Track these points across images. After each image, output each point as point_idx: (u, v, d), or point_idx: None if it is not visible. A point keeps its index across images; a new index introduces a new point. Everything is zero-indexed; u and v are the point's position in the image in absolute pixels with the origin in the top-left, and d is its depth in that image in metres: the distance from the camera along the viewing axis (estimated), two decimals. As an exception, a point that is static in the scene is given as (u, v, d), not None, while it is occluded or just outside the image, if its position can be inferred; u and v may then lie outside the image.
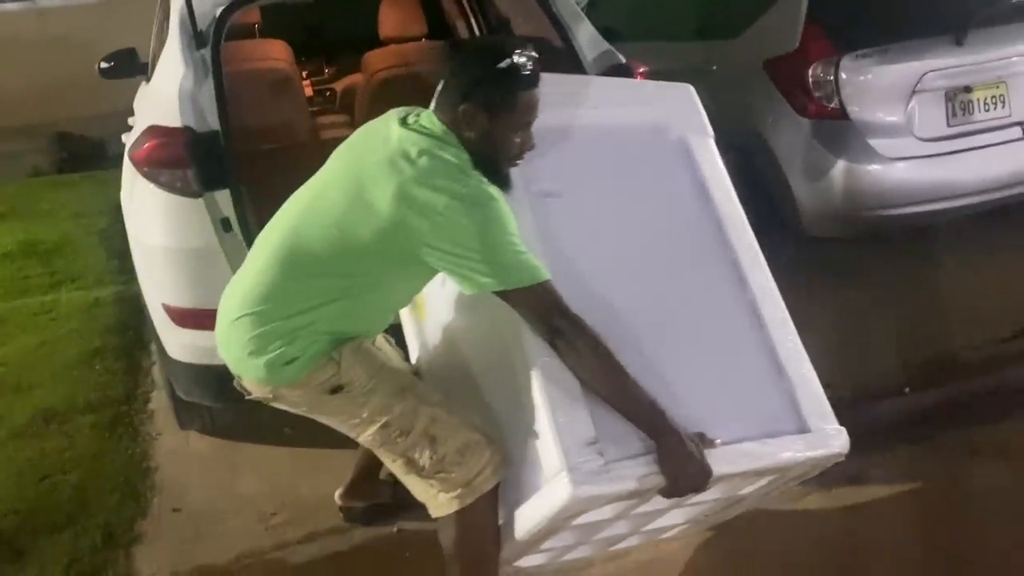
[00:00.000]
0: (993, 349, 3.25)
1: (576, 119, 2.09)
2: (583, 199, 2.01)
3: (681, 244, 2.08)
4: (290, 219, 1.92)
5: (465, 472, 1.88)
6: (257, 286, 1.87)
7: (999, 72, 3.68)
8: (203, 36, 2.71)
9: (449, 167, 1.77)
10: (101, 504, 2.84)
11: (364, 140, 1.94)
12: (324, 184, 1.93)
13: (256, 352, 1.86)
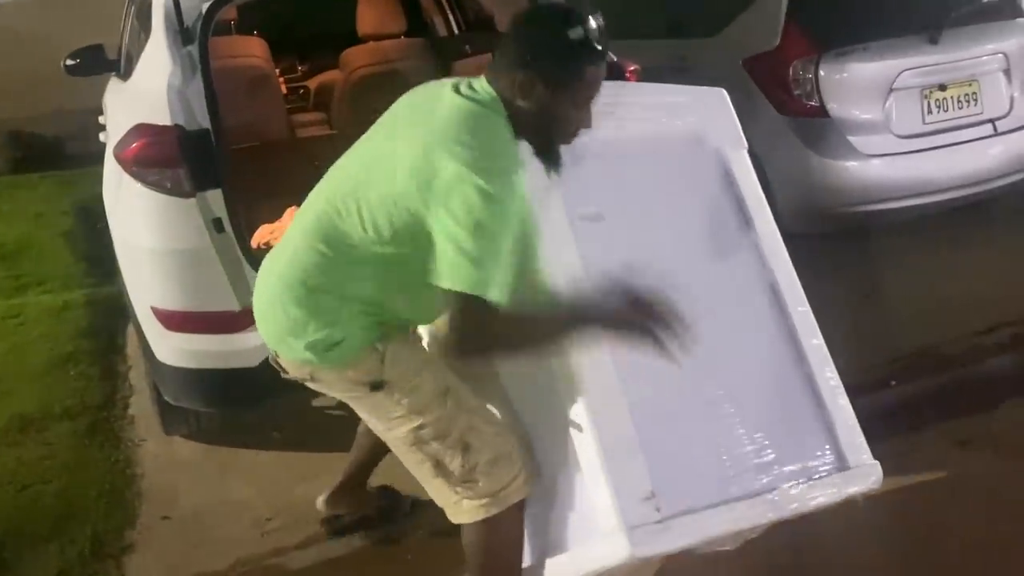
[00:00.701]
0: (973, 341, 3.32)
1: (615, 132, 1.97)
2: (625, 222, 1.94)
3: (722, 269, 2.02)
4: (331, 192, 1.80)
5: (494, 483, 1.84)
6: (298, 262, 1.78)
7: (971, 71, 3.77)
8: (189, 32, 2.64)
9: (484, 138, 1.63)
10: (87, 513, 2.76)
11: (412, 108, 1.81)
12: (364, 154, 1.82)
13: (296, 332, 1.77)
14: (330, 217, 1.75)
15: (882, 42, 3.67)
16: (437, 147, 1.61)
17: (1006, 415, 2.90)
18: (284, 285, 1.79)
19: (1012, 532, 2.37)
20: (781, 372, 1.98)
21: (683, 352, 1.66)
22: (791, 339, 2.00)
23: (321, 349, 1.77)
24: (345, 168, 1.84)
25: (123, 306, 4.31)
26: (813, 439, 1.93)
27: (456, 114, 1.66)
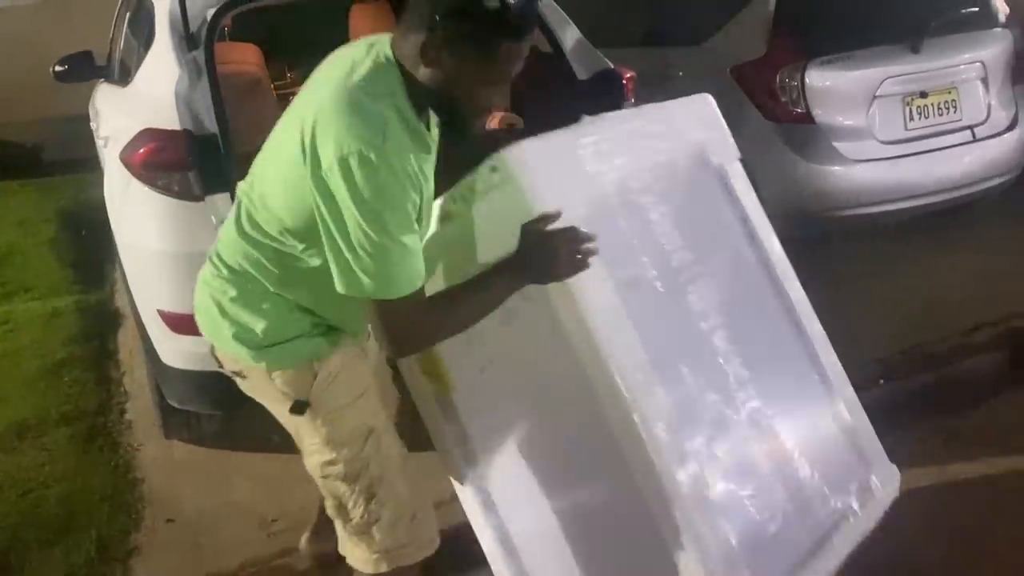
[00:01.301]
0: (957, 341, 3.41)
1: (625, 170, 1.85)
2: (659, 273, 1.84)
3: (742, 296, 1.99)
4: (247, 181, 1.71)
5: (390, 541, 1.77)
6: (229, 250, 1.71)
7: (951, 78, 3.88)
8: (194, 38, 2.66)
9: (367, 112, 1.44)
10: (90, 517, 2.75)
11: (309, 85, 1.63)
12: (270, 139, 1.67)
13: (229, 319, 1.70)
14: (247, 208, 1.66)
15: (866, 51, 3.77)
16: (319, 133, 1.44)
17: (990, 411, 3.01)
18: (217, 271, 1.72)
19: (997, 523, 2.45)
20: (809, 398, 2.01)
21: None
22: (813, 362, 2.04)
23: (255, 344, 1.68)
24: (260, 154, 1.71)
25: (113, 312, 4.36)
26: (847, 470, 2.00)
27: (342, 92, 1.46)
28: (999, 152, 4.03)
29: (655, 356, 1.68)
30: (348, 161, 1.40)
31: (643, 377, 1.66)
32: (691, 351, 1.81)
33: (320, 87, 1.53)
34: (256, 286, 1.67)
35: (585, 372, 1.67)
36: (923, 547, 2.35)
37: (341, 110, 1.44)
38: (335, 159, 1.41)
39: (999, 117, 4.03)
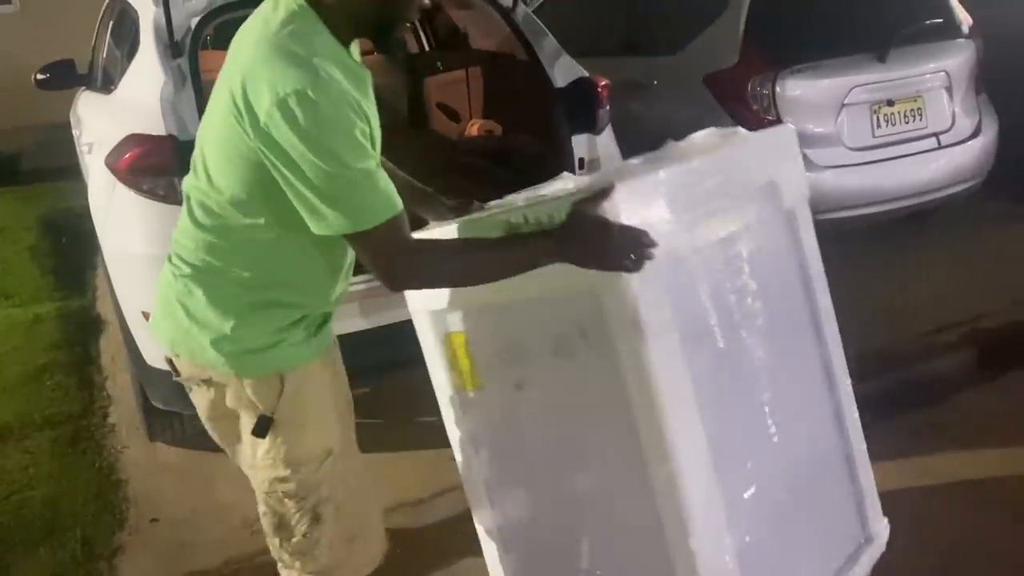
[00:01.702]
0: (924, 341, 3.52)
1: (701, 211, 1.75)
2: (717, 318, 1.78)
3: (790, 351, 1.96)
4: (193, 161, 1.64)
5: (327, 561, 1.77)
6: (178, 247, 1.67)
7: (917, 87, 4.00)
8: (179, 46, 2.72)
9: (292, 54, 1.40)
10: (75, 518, 2.79)
11: (232, 49, 1.56)
12: (205, 115, 1.60)
13: (191, 326, 1.63)
14: (197, 199, 1.61)
15: (834, 60, 3.88)
16: (250, 89, 1.40)
17: (956, 407, 3.11)
18: (179, 270, 1.66)
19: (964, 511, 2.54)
20: (827, 452, 2.05)
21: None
22: (837, 417, 2.07)
23: (228, 350, 1.62)
24: (197, 141, 1.64)
25: (95, 318, 4.38)
26: (849, 524, 2.08)
27: (263, 44, 1.43)
28: (964, 159, 4.15)
29: (712, 434, 1.66)
30: (286, 103, 1.37)
31: (699, 457, 1.64)
32: (744, 424, 1.81)
33: (239, 51, 1.49)
34: (221, 279, 1.61)
35: (634, 430, 1.62)
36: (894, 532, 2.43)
37: (267, 59, 1.40)
38: (273, 105, 1.37)
39: (963, 125, 4.15)
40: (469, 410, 1.94)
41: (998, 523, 2.51)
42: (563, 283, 1.57)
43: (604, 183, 1.55)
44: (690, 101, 4.09)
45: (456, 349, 1.88)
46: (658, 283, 1.58)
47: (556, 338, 1.68)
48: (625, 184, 1.55)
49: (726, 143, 1.89)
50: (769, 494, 1.82)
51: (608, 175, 1.60)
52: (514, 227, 1.63)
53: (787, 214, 1.97)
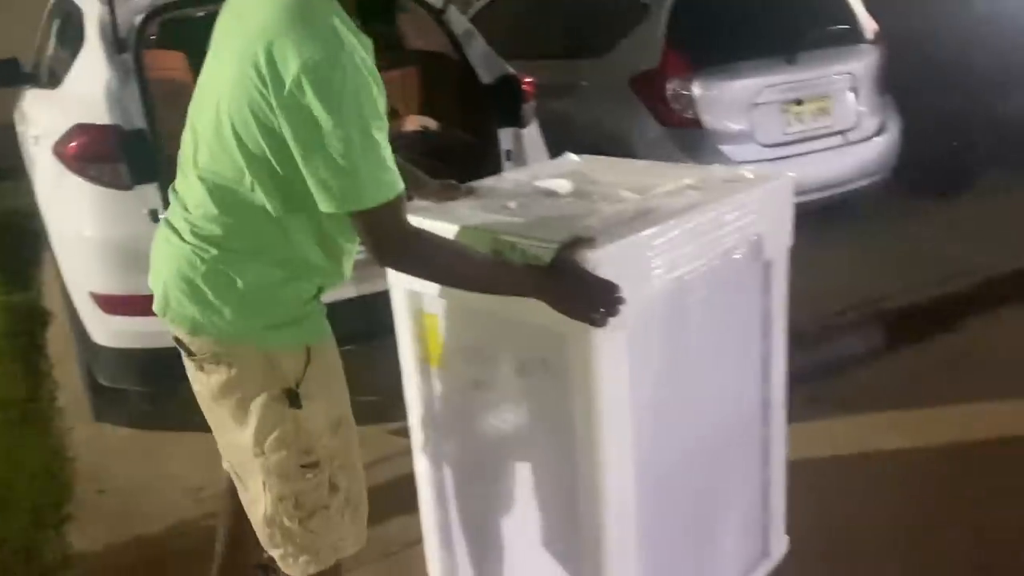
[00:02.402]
0: (828, 321, 3.81)
1: (685, 266, 1.81)
2: (677, 368, 1.90)
3: (731, 382, 2.08)
4: (186, 146, 1.64)
5: (336, 534, 1.75)
6: (193, 233, 1.61)
7: (824, 88, 4.31)
8: (123, 42, 2.88)
9: (319, 24, 1.41)
10: (24, 491, 2.93)
11: (233, 20, 1.56)
12: (202, 88, 1.60)
13: (213, 301, 1.59)
14: (211, 184, 1.57)
15: (747, 62, 4.18)
16: (277, 55, 1.39)
17: (851, 379, 3.39)
18: (207, 256, 1.59)
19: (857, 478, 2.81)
20: (748, 479, 2.21)
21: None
22: (764, 449, 2.22)
23: (260, 325, 1.62)
24: (190, 115, 1.63)
25: (41, 311, 4.48)
26: (752, 540, 2.26)
27: (287, 13, 1.42)
28: (869, 155, 4.48)
29: (643, 472, 1.81)
30: (318, 69, 1.37)
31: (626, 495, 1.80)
32: (674, 461, 1.94)
33: (247, 21, 1.47)
34: (248, 258, 1.59)
35: (572, 457, 1.77)
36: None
37: (294, 27, 1.40)
38: (300, 71, 1.37)
39: (868, 124, 4.47)
40: (429, 382, 2.08)
41: (888, 489, 2.78)
42: (537, 313, 1.67)
43: (587, 232, 1.64)
44: (617, 101, 4.35)
45: (427, 328, 2.02)
46: (621, 336, 1.68)
47: (521, 360, 1.82)
48: (614, 245, 1.63)
49: (725, 191, 1.92)
50: (685, 510, 2.03)
51: (592, 228, 1.68)
52: (499, 250, 1.71)
53: (765, 264, 2.03)
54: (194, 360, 1.68)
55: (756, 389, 2.15)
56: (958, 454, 2.90)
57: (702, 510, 2.09)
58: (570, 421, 1.77)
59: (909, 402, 3.20)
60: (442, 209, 1.95)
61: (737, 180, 2.01)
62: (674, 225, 1.77)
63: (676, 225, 1.77)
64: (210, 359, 1.65)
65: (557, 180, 2.14)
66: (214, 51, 1.58)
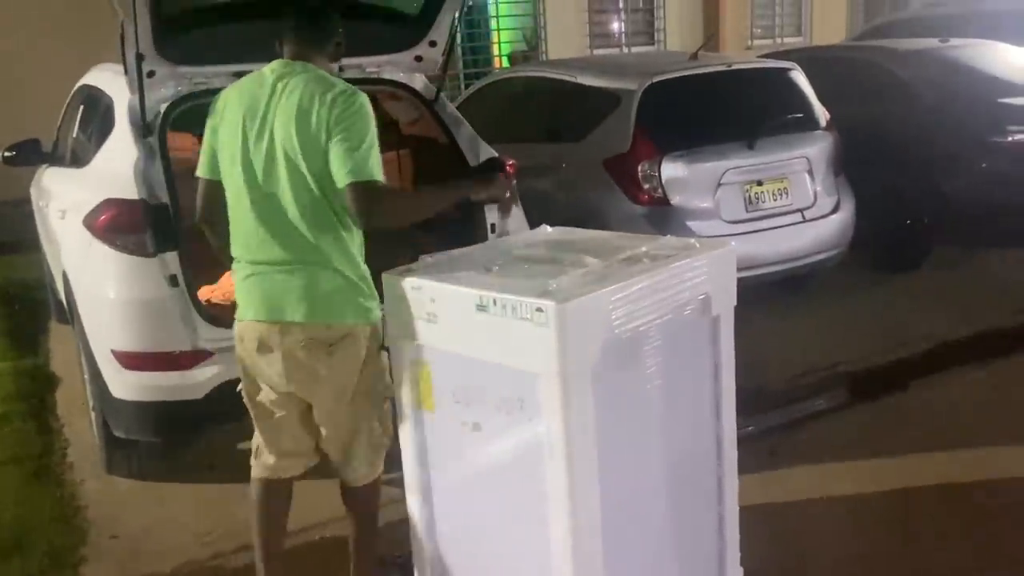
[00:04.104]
0: (790, 382, 4.12)
1: (641, 320, 2.11)
2: (636, 415, 2.20)
3: (687, 423, 2.34)
4: (266, 204, 2.24)
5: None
6: (288, 239, 2.23)
7: (782, 170, 4.71)
8: (149, 126, 3.23)
9: (332, 79, 2.26)
10: (41, 535, 3.15)
11: (245, 99, 2.27)
12: (248, 159, 2.24)
13: (309, 289, 2.23)
14: (302, 207, 2.21)
15: (710, 147, 4.57)
16: (318, 93, 2.18)
17: (809, 433, 3.70)
18: (325, 267, 2.25)
19: (803, 513, 3.08)
20: (704, 515, 2.46)
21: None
22: (719, 484, 2.45)
23: (373, 307, 2.33)
24: (243, 177, 2.25)
25: (49, 375, 4.73)
26: (710, 568, 2.50)
27: (310, 78, 2.24)
28: (826, 231, 4.86)
29: (608, 497, 2.08)
30: (344, 93, 2.20)
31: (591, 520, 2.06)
32: (635, 488, 2.22)
33: (283, 92, 2.23)
34: (348, 258, 2.29)
35: (544, 485, 2.05)
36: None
37: (318, 81, 2.24)
38: (336, 94, 2.19)
39: (824, 202, 4.86)
40: (422, 424, 2.34)
41: (840, 529, 3.05)
42: (515, 358, 2.02)
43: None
44: (592, 181, 4.72)
45: (421, 376, 2.33)
46: (586, 376, 1.99)
47: (502, 398, 2.12)
48: (580, 300, 1.95)
49: (677, 257, 2.24)
50: (647, 539, 2.29)
51: (561, 287, 2.02)
52: (483, 305, 2.06)
53: (713, 320, 2.32)
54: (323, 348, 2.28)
55: (710, 429, 2.43)
56: (904, 499, 3.19)
57: (663, 540, 2.36)
58: (543, 454, 2.05)
59: (861, 453, 3.51)
60: (435, 270, 2.27)
61: (687, 248, 2.34)
62: (632, 283, 2.09)
63: (633, 283, 2.10)
64: (321, 343, 2.28)
65: (533, 248, 2.48)
66: (248, 121, 2.28)
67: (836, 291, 5.25)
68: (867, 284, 5.43)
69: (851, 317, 4.93)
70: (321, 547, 3.03)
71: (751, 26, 12.96)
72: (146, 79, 3.13)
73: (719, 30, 11.87)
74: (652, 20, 12.31)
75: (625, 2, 12.10)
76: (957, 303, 5.06)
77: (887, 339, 4.55)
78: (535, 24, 11.31)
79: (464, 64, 10.64)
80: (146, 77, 3.13)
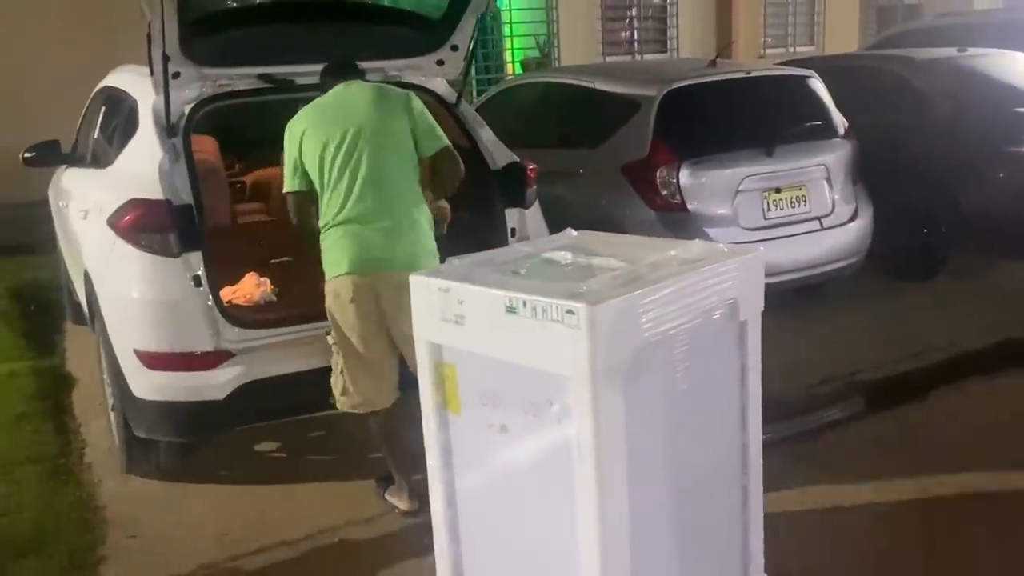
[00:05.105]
0: (808, 391, 4.10)
1: (671, 324, 2.10)
2: (666, 422, 2.18)
3: (713, 419, 2.33)
4: (372, 162, 2.90)
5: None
6: (400, 205, 2.94)
7: (800, 178, 4.71)
8: (173, 128, 3.24)
9: (388, 86, 3.15)
10: (60, 536, 3.15)
11: (353, 105, 2.97)
12: (363, 144, 2.90)
13: (421, 245, 2.93)
14: (393, 180, 2.94)
15: (729, 154, 4.57)
16: (400, 94, 3.05)
17: (826, 440, 3.68)
18: (402, 222, 2.93)
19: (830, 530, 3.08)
20: (729, 521, 2.44)
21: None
22: (744, 494, 2.43)
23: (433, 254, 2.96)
24: (358, 152, 2.91)
25: (66, 375, 4.74)
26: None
27: (380, 88, 3.08)
28: (843, 239, 4.85)
29: (636, 502, 2.05)
30: (410, 94, 3.08)
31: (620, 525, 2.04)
32: (662, 496, 2.21)
33: (360, 99, 3.01)
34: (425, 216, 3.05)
35: (572, 489, 2.03)
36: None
37: (391, 88, 3.10)
38: (407, 96, 3.06)
39: (842, 210, 4.86)
40: (447, 426, 2.32)
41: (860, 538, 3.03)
42: (544, 359, 2.01)
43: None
44: (609, 187, 4.72)
45: (446, 377, 2.31)
46: (617, 379, 1.96)
47: (531, 402, 2.10)
48: (611, 303, 1.92)
49: (706, 261, 2.23)
50: (673, 545, 2.27)
51: (592, 289, 2.01)
52: (513, 307, 2.05)
53: (741, 324, 2.31)
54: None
55: (736, 435, 2.42)
56: (926, 509, 3.17)
57: (687, 547, 2.34)
58: (572, 457, 2.04)
59: (881, 463, 3.49)
60: (463, 272, 2.26)
61: (716, 252, 2.33)
62: (662, 287, 2.09)
63: (662, 287, 2.09)
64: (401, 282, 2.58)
65: (559, 251, 2.48)
66: (357, 116, 2.97)
67: (853, 299, 5.24)
68: (883, 293, 5.41)
69: (868, 326, 4.91)
70: (336, 550, 3.03)
71: (764, 35, 12.97)
72: (171, 80, 3.14)
73: (732, 39, 11.88)
74: (665, 28, 12.33)
75: (638, 10, 12.12)
76: (975, 313, 5.04)
77: (905, 348, 4.53)
78: (548, 31, 11.34)
79: (476, 70, 10.66)
80: (172, 78, 3.14)
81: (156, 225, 3.04)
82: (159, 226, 3.04)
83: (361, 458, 3.56)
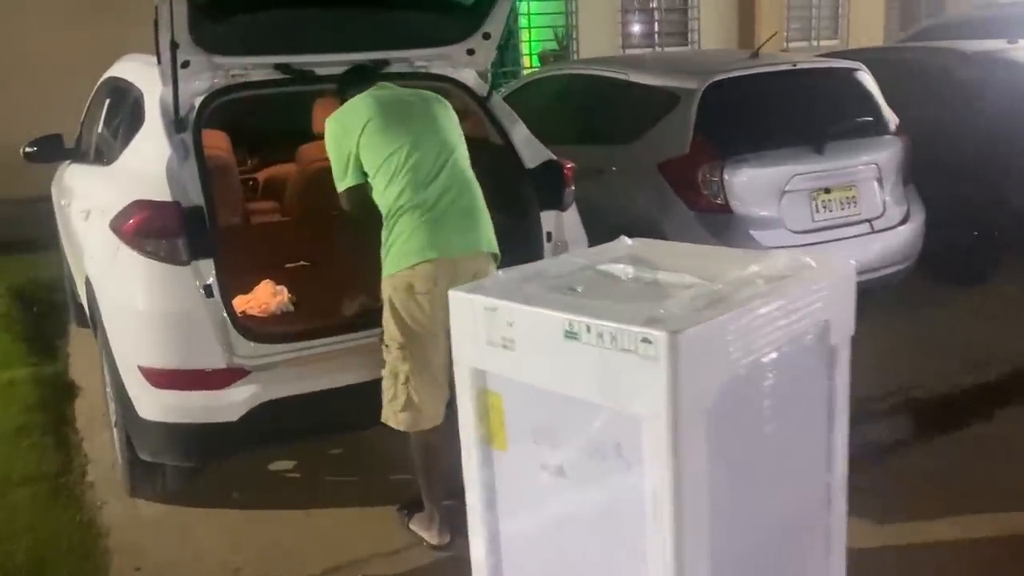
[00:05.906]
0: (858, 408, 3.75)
1: (759, 350, 1.85)
2: (753, 458, 1.93)
3: (799, 459, 2.08)
4: (444, 147, 2.86)
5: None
6: (475, 188, 2.88)
7: (851, 177, 4.40)
8: (183, 122, 2.96)
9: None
10: (59, 566, 2.89)
11: (408, 106, 2.93)
12: (428, 131, 2.87)
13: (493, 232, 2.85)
14: (458, 172, 2.85)
15: (776, 151, 4.26)
16: (441, 101, 3.02)
17: (892, 465, 3.37)
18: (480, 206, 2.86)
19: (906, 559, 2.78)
20: (812, 564, 2.19)
21: None
22: (827, 537, 2.18)
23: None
24: (430, 143, 2.85)
25: (68, 383, 4.48)
26: None
27: (420, 92, 3.03)
28: (895, 243, 4.54)
29: (717, 552, 1.78)
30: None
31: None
32: (746, 538, 1.93)
33: (409, 101, 2.97)
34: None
35: (644, 541, 1.75)
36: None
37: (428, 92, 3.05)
38: (441, 100, 3.03)
39: (893, 212, 4.55)
40: (491, 463, 2.05)
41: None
42: (609, 396, 1.73)
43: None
44: (646, 186, 4.43)
45: (491, 407, 2.02)
46: (701, 419, 1.69)
47: (593, 443, 1.82)
48: (695, 329, 1.65)
49: (795, 278, 1.98)
50: None
51: (672, 313, 1.74)
52: (575, 332, 1.77)
53: (831, 350, 2.07)
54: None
55: (821, 475, 2.14)
56: (1004, 548, 2.88)
57: None
58: (645, 509, 1.75)
59: (949, 492, 3.18)
60: (510, 288, 1.98)
61: (804, 268, 2.04)
62: (749, 311, 1.80)
63: (751, 311, 1.80)
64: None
65: (617, 263, 2.18)
66: (416, 124, 2.89)
67: (902, 306, 4.91)
68: (934, 298, 5.11)
69: (922, 335, 4.62)
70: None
71: (787, 28, 12.63)
72: (180, 70, 2.86)
73: (755, 31, 11.55)
74: (686, 20, 12.01)
75: (659, 2, 11.81)
76: (1030, 322, 4.74)
77: (964, 360, 4.24)
78: (566, 23, 11.03)
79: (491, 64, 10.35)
80: (180, 67, 2.86)
81: (163, 230, 2.76)
82: (166, 231, 2.75)
83: (384, 481, 3.29)
